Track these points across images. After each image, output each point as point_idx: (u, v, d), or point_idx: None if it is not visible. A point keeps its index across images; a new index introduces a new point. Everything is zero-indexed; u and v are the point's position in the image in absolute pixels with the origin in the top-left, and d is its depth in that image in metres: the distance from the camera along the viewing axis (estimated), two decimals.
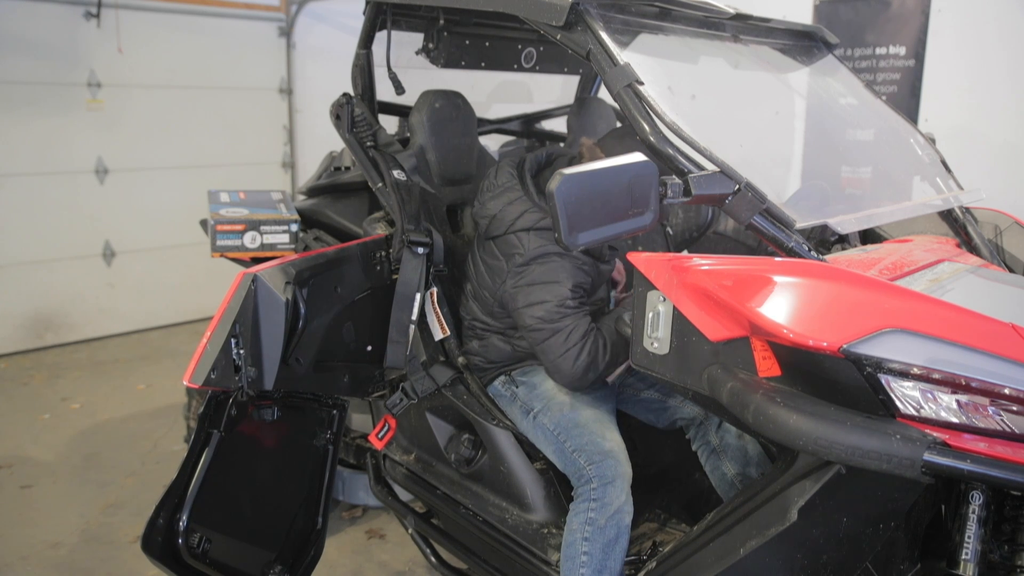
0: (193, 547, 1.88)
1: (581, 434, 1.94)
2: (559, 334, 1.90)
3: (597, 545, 1.82)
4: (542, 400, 2.05)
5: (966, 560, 1.34)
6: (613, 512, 1.83)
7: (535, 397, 2.07)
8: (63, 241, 5.03)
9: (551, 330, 1.91)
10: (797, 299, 1.34)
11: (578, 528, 1.85)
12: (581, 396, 2.04)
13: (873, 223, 1.89)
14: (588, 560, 1.82)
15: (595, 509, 1.84)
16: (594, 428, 1.94)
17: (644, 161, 1.48)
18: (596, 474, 1.87)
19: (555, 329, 1.91)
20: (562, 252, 1.97)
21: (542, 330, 1.92)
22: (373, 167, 2.39)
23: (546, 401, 2.04)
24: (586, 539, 1.83)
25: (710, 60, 2.12)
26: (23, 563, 2.76)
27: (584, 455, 1.90)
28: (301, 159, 6.08)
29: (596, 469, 1.87)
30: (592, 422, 1.96)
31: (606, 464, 1.87)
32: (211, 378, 1.76)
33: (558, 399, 2.02)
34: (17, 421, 3.92)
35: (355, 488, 2.97)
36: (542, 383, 2.09)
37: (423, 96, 2.51)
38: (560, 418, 1.99)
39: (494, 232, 2.05)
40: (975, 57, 3.22)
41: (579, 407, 2.00)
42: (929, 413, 1.26)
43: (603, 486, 1.85)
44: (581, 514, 1.86)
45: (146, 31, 5.12)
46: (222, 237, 2.40)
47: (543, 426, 2.01)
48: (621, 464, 1.88)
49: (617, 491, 1.84)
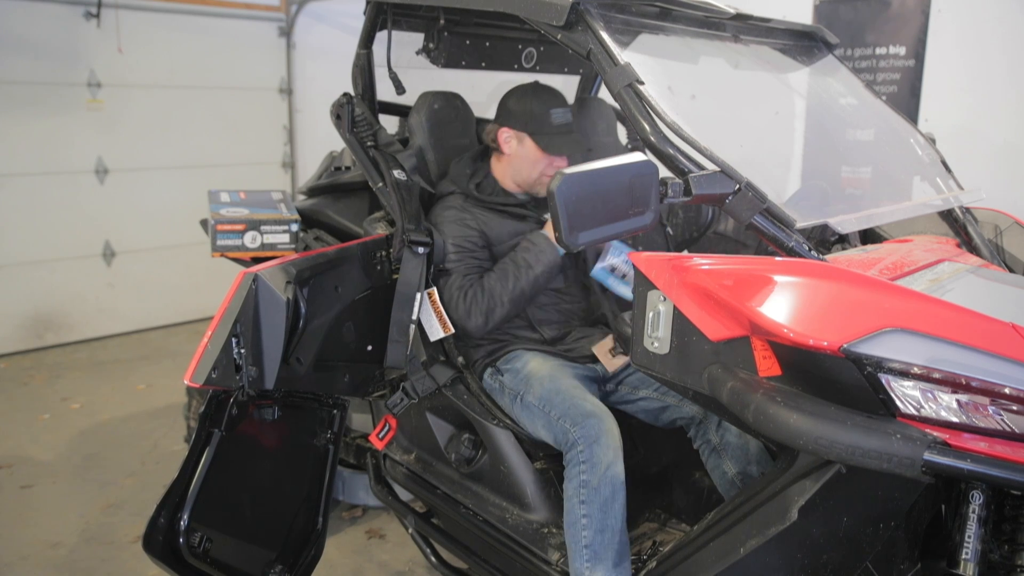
0: (194, 546, 1.88)
1: (563, 400, 1.97)
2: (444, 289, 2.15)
3: (595, 506, 1.82)
4: (524, 381, 2.10)
5: (966, 560, 1.34)
6: (604, 470, 1.83)
7: (519, 381, 2.12)
8: (63, 241, 5.03)
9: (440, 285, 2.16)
10: (797, 299, 1.34)
11: (574, 493, 1.86)
12: (561, 370, 2.09)
13: (873, 223, 1.90)
14: (588, 522, 1.82)
15: (586, 471, 1.85)
16: (575, 392, 1.99)
17: (644, 161, 1.48)
18: (581, 435, 1.88)
19: (441, 285, 2.16)
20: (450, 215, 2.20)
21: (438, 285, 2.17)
22: (373, 167, 2.39)
23: (528, 380, 2.09)
24: (583, 502, 1.83)
25: (710, 60, 2.12)
26: (23, 563, 2.76)
27: (568, 419, 1.93)
28: (301, 159, 6.08)
29: (580, 430, 1.89)
30: (573, 388, 2.01)
31: (589, 423, 1.89)
32: (212, 377, 1.76)
33: (538, 375, 2.08)
34: (17, 421, 3.92)
35: (355, 488, 2.97)
36: (524, 367, 2.14)
37: (422, 97, 2.52)
38: (542, 391, 2.03)
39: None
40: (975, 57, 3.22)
41: (558, 378, 2.05)
42: (929, 413, 1.26)
43: (589, 446, 1.86)
44: (574, 479, 1.87)
45: (146, 31, 5.12)
46: (222, 237, 2.40)
47: (530, 404, 2.05)
48: (604, 421, 1.89)
49: (604, 448, 1.85)
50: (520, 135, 2.19)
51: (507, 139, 2.22)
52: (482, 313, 2.10)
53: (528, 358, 2.16)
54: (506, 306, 2.10)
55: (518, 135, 2.20)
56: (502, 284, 2.09)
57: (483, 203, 2.24)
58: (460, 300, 2.12)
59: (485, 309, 2.10)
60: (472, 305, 2.11)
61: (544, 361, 2.14)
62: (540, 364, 2.13)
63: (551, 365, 2.12)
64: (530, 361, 2.15)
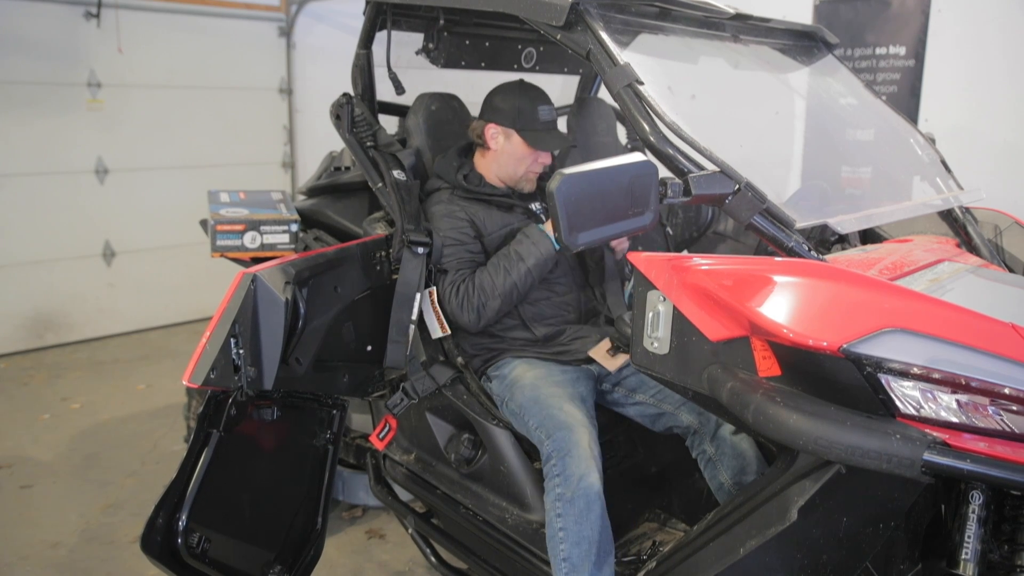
0: (192, 547, 1.88)
1: (539, 410, 1.97)
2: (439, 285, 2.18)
3: (570, 519, 1.82)
4: (509, 388, 2.10)
5: (966, 560, 1.34)
6: (576, 482, 1.83)
7: (505, 387, 2.12)
8: (63, 241, 5.03)
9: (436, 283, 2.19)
10: (797, 299, 1.34)
11: (551, 507, 1.87)
12: (546, 376, 2.08)
13: (873, 223, 1.89)
14: (565, 535, 1.83)
15: (560, 484, 1.85)
16: (552, 403, 1.98)
17: (644, 161, 1.48)
18: (554, 448, 1.88)
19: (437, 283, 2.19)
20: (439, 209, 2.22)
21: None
22: (373, 167, 2.39)
23: (512, 387, 2.09)
24: (559, 515, 1.84)
25: (710, 60, 2.12)
26: (23, 563, 2.76)
27: (543, 430, 1.93)
28: (301, 159, 6.08)
29: (552, 443, 1.89)
30: (551, 397, 2.00)
31: (560, 436, 1.89)
32: (211, 378, 1.76)
33: (521, 382, 2.08)
34: (17, 421, 3.92)
35: (355, 488, 2.97)
36: (509, 373, 2.14)
37: (419, 99, 2.52)
38: (522, 398, 2.03)
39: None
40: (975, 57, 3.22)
41: (540, 386, 2.04)
42: (929, 413, 1.26)
43: (562, 459, 1.86)
44: (551, 492, 1.88)
45: (146, 31, 5.12)
46: (222, 237, 2.40)
47: (513, 411, 2.06)
48: (575, 433, 1.89)
49: (576, 461, 1.85)
50: (508, 131, 2.21)
51: (494, 135, 2.24)
52: (474, 308, 2.11)
53: (515, 364, 2.16)
54: (498, 300, 2.10)
55: (505, 131, 2.22)
56: (493, 278, 2.10)
57: (471, 194, 2.26)
58: (453, 295, 2.14)
59: (476, 304, 2.11)
60: (464, 300, 2.12)
61: (529, 367, 2.14)
62: (525, 371, 2.13)
63: (535, 372, 2.11)
64: (516, 367, 2.15)
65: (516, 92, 2.24)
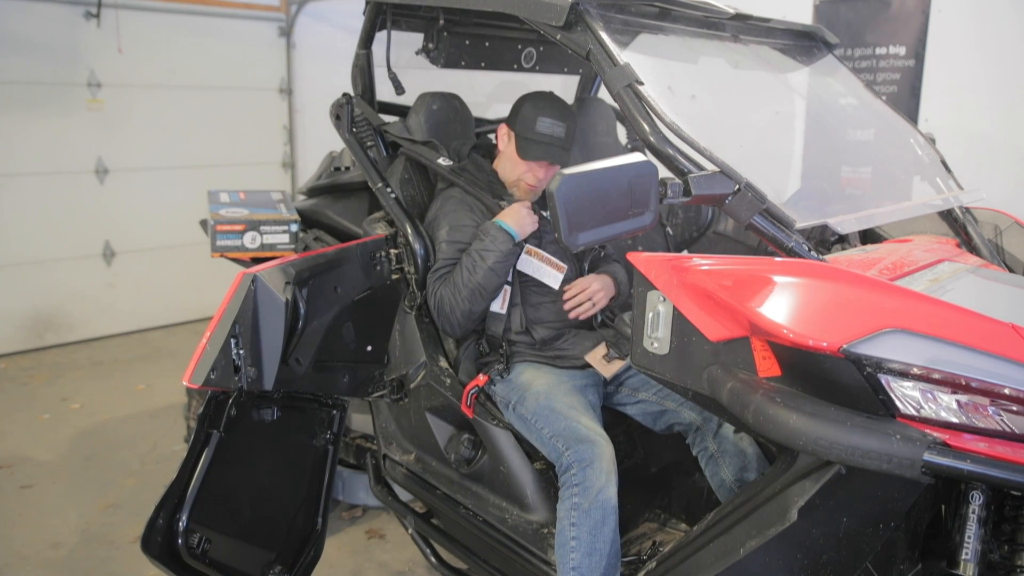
0: (193, 547, 1.88)
1: (557, 419, 1.97)
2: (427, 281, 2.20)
3: (584, 529, 1.83)
4: (518, 391, 2.09)
5: (966, 560, 1.34)
6: (596, 494, 1.83)
7: (511, 390, 2.11)
8: (63, 241, 5.03)
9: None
10: (797, 299, 1.34)
11: (565, 515, 1.87)
12: (557, 385, 2.07)
13: (873, 223, 1.90)
14: (577, 544, 1.83)
15: (578, 494, 1.85)
16: (570, 414, 1.97)
17: (644, 161, 1.48)
18: (575, 459, 1.88)
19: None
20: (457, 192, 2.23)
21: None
22: (373, 167, 2.39)
23: (521, 392, 2.08)
24: (573, 524, 1.84)
25: (710, 60, 2.12)
26: (23, 563, 2.76)
27: (562, 440, 1.93)
28: (301, 159, 6.08)
29: (574, 454, 1.89)
30: (567, 408, 1.99)
31: (582, 448, 1.88)
32: (211, 378, 1.76)
33: (533, 388, 2.07)
34: (17, 421, 3.92)
35: (355, 488, 2.97)
36: (517, 376, 2.13)
37: (420, 98, 2.52)
38: (536, 406, 2.02)
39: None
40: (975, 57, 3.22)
41: (554, 395, 2.03)
42: (929, 413, 1.26)
43: (582, 469, 1.86)
44: (566, 500, 1.88)
45: (146, 31, 5.12)
46: (222, 237, 2.40)
47: (522, 416, 2.05)
48: (597, 445, 1.89)
49: (597, 472, 1.85)
50: (511, 134, 2.22)
51: (503, 135, 2.25)
52: (447, 313, 2.12)
53: (521, 369, 2.15)
54: (465, 303, 2.09)
55: (509, 133, 2.22)
56: (459, 280, 2.10)
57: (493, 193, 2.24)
58: (432, 300, 2.15)
59: (448, 310, 2.12)
60: (440, 304, 2.13)
61: (538, 372, 2.12)
62: (534, 376, 2.11)
63: (547, 380, 2.09)
64: (524, 372, 2.13)
65: (529, 98, 2.22)
